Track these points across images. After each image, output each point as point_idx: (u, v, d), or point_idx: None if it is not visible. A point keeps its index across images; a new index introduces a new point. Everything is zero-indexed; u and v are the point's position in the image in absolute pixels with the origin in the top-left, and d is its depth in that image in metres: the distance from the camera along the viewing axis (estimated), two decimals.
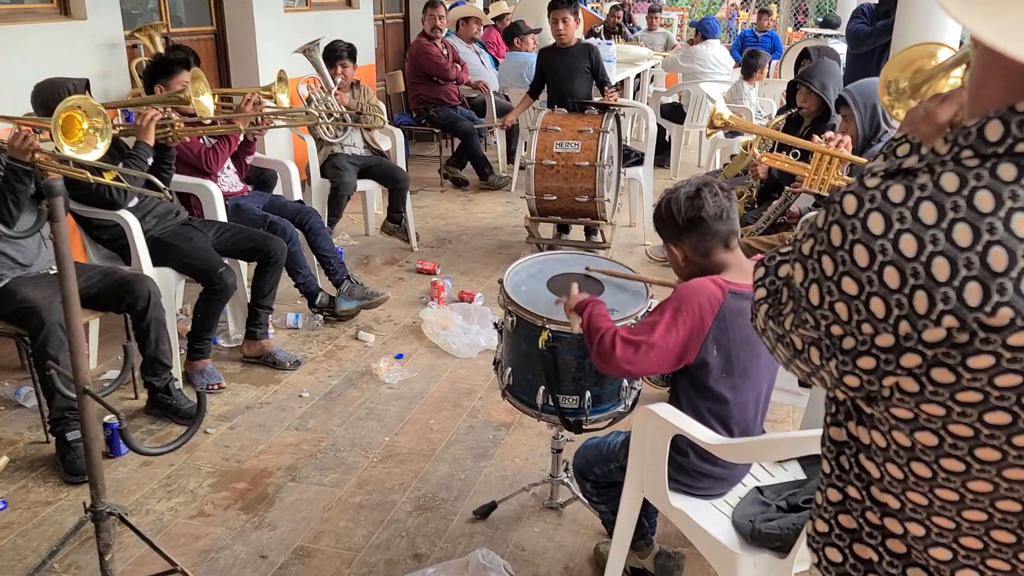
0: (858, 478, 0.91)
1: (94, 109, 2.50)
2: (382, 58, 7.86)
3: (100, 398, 1.92)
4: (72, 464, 2.70)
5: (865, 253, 0.76)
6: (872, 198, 0.77)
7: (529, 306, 2.22)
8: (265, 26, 5.64)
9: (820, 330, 0.82)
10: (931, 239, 0.72)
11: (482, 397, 3.34)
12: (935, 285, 0.72)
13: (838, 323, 0.80)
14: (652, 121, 5.39)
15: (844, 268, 0.77)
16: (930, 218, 0.73)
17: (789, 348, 0.90)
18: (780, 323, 0.91)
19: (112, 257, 3.33)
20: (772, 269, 1.00)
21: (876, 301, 0.75)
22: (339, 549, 2.43)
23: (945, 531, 0.83)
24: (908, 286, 0.73)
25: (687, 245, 1.90)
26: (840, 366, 0.81)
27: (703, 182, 1.89)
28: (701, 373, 1.87)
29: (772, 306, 0.95)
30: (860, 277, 0.76)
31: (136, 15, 5.12)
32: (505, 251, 5.08)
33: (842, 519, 0.94)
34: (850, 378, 0.81)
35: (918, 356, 0.74)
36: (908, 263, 0.73)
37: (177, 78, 3.42)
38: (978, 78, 0.80)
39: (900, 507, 0.86)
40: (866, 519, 0.91)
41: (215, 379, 3.33)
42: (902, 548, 0.89)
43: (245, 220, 3.68)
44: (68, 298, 1.89)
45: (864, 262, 0.76)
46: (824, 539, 0.97)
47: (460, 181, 6.63)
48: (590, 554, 2.42)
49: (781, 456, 2.05)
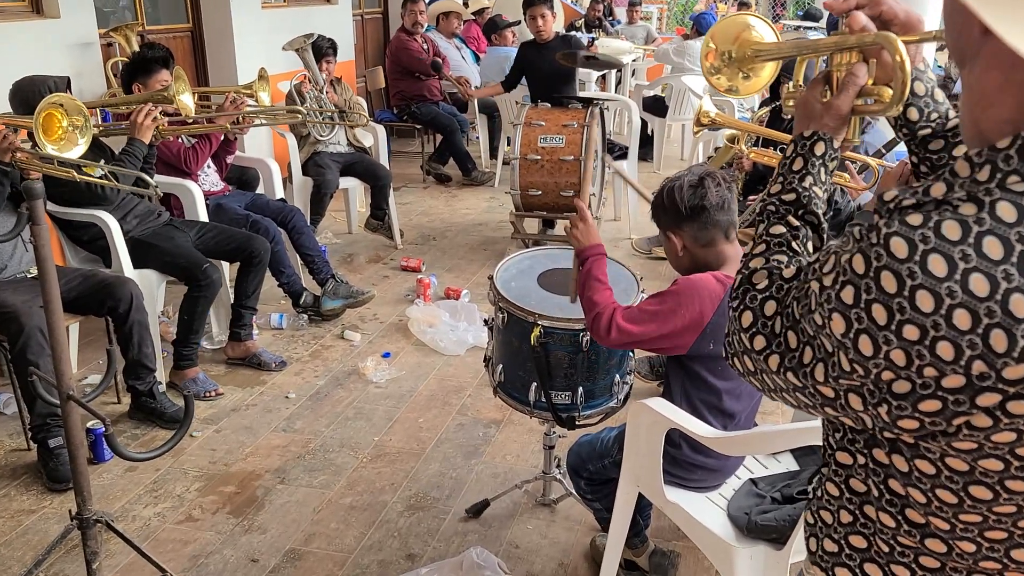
0: (890, 504, 0.88)
1: (75, 107, 2.46)
2: (361, 54, 7.80)
3: (85, 404, 1.88)
4: (55, 471, 2.65)
5: (930, 298, 0.72)
6: (925, 238, 0.73)
7: (520, 302, 2.21)
8: (242, 23, 5.56)
9: (868, 377, 0.78)
10: (1003, 275, 0.70)
11: (471, 394, 3.32)
12: (1015, 322, 0.69)
13: (891, 369, 0.76)
14: (635, 115, 5.38)
15: (904, 316, 0.73)
16: (997, 254, 0.70)
17: (814, 397, 0.86)
18: (807, 374, 0.85)
19: (92, 259, 3.27)
20: (759, 311, 0.93)
21: (944, 345, 0.72)
22: (331, 551, 2.40)
23: (997, 544, 0.83)
24: (982, 326, 0.70)
25: (687, 234, 1.88)
26: (895, 411, 0.78)
27: (706, 171, 1.88)
28: (697, 366, 1.86)
29: (783, 356, 0.87)
30: (924, 323, 0.73)
31: (109, 13, 5.03)
32: (490, 247, 5.05)
33: (852, 540, 0.93)
34: (907, 422, 0.78)
35: (997, 394, 0.72)
36: (981, 303, 0.70)
37: (156, 77, 3.37)
38: (984, 98, 0.78)
39: (951, 528, 0.84)
40: (898, 541, 0.90)
41: (209, 387, 3.27)
42: (936, 564, 0.88)
43: (227, 220, 3.63)
44: (50, 303, 1.85)
45: (929, 308, 0.72)
46: (834, 559, 0.96)
47: (443, 177, 6.59)
48: (584, 550, 2.41)
49: (775, 448, 2.05)
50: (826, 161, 1.04)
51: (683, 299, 1.81)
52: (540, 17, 4.93)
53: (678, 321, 1.80)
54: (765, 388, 0.93)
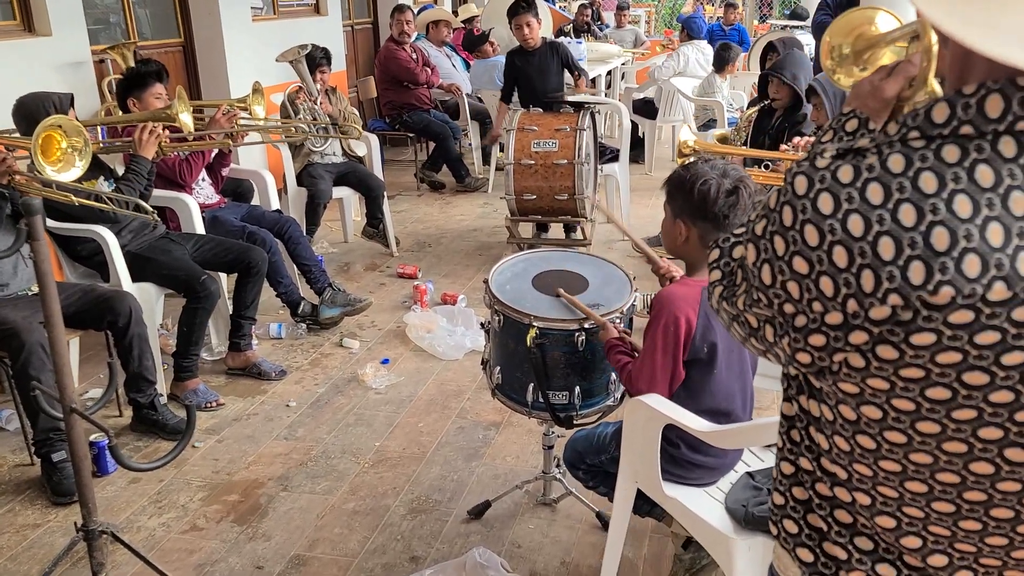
0: (808, 450, 0.93)
1: (74, 129, 2.48)
2: (352, 64, 7.84)
3: (88, 416, 1.90)
4: (59, 485, 2.67)
5: (815, 233, 0.77)
6: (822, 178, 0.78)
7: (515, 304, 2.23)
8: (233, 36, 5.60)
9: (773, 308, 0.84)
10: (877, 219, 0.74)
11: (470, 398, 3.34)
12: (881, 264, 0.73)
13: (790, 302, 0.81)
14: (625, 118, 5.42)
15: (795, 248, 0.79)
16: (877, 198, 0.74)
17: (744, 327, 0.92)
18: (733, 303, 0.93)
19: (90, 274, 3.30)
20: (726, 251, 1.01)
21: (825, 280, 0.77)
22: (335, 556, 2.42)
23: (889, 500, 0.85)
24: (856, 265, 0.74)
25: (698, 231, 1.86)
26: (792, 343, 0.83)
27: (739, 176, 1.82)
28: (691, 368, 1.89)
29: (727, 287, 0.96)
30: (810, 256, 0.77)
31: (100, 30, 5.06)
32: (485, 252, 5.09)
33: (795, 491, 0.97)
34: (802, 355, 0.83)
35: (865, 333, 0.76)
36: (856, 242, 0.74)
37: (151, 90, 3.40)
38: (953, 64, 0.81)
39: (847, 478, 0.88)
40: (816, 490, 0.94)
41: (211, 397, 3.29)
42: (848, 518, 0.92)
43: (223, 232, 3.65)
44: (51, 317, 1.87)
45: (814, 242, 0.77)
46: (781, 511, 0.99)
47: (437, 184, 6.63)
48: (585, 547, 2.44)
49: (771, 440, 2.07)
50: (856, 139, 1.06)
51: (662, 318, 1.84)
52: (526, 26, 4.99)
53: (671, 341, 1.84)
54: (724, 323, 0.99)
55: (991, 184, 0.72)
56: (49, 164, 2.45)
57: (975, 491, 0.80)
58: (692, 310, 1.83)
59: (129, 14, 5.12)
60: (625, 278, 2.39)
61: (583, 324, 2.17)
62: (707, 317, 1.84)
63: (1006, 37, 0.66)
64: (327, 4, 6.96)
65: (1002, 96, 0.72)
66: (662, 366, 1.87)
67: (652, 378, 1.88)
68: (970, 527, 0.83)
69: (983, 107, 0.73)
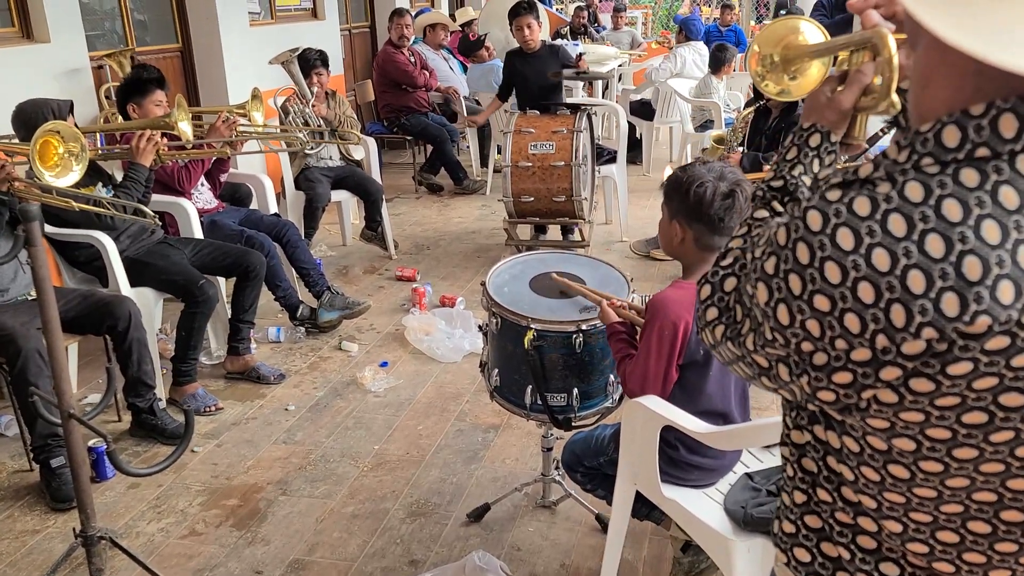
0: (827, 480, 0.91)
1: (72, 134, 2.48)
2: (350, 68, 7.85)
3: (86, 422, 1.90)
4: (58, 491, 2.67)
5: (837, 270, 0.75)
6: (838, 212, 0.76)
7: (513, 307, 2.24)
8: (231, 41, 5.61)
9: (790, 347, 0.81)
10: (904, 252, 0.72)
11: (469, 400, 3.34)
12: (912, 298, 0.71)
13: (809, 340, 0.78)
14: (623, 119, 5.43)
15: (815, 286, 0.76)
16: (900, 230, 0.72)
17: (752, 367, 0.89)
18: (740, 343, 0.89)
19: (89, 280, 3.30)
20: (718, 285, 0.97)
21: (851, 317, 0.74)
22: (334, 560, 2.42)
23: (923, 526, 0.84)
24: (884, 300, 0.73)
25: (692, 233, 1.87)
26: (813, 382, 0.81)
27: (736, 180, 1.82)
28: (686, 370, 1.89)
29: (728, 326, 0.93)
30: (832, 294, 0.75)
31: (98, 36, 5.07)
32: (484, 254, 5.09)
33: (808, 520, 0.95)
34: (825, 393, 0.81)
35: (897, 369, 0.74)
36: (883, 277, 0.72)
37: (151, 97, 3.41)
38: (922, 77, 0.80)
39: (876, 507, 0.86)
40: (836, 519, 0.92)
41: (209, 402, 3.29)
42: (873, 544, 0.90)
43: (222, 236, 3.66)
44: (49, 323, 1.88)
45: (836, 279, 0.75)
46: (792, 540, 0.98)
47: (435, 187, 6.63)
48: (585, 550, 2.44)
49: (769, 441, 2.06)
50: (820, 153, 1.06)
51: (658, 316, 1.84)
52: (527, 28, 4.98)
53: (665, 345, 1.84)
54: (723, 360, 0.97)
55: (1016, 206, 0.71)
56: (47, 169, 2.45)
57: (1012, 510, 0.79)
58: (688, 313, 1.83)
59: (127, 20, 5.12)
60: (622, 279, 2.39)
61: (581, 326, 2.17)
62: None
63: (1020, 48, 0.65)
64: (325, 8, 6.97)
65: (1015, 115, 0.72)
66: (655, 371, 1.87)
67: (644, 380, 1.88)
68: (1006, 549, 0.82)
69: (997, 127, 0.72)
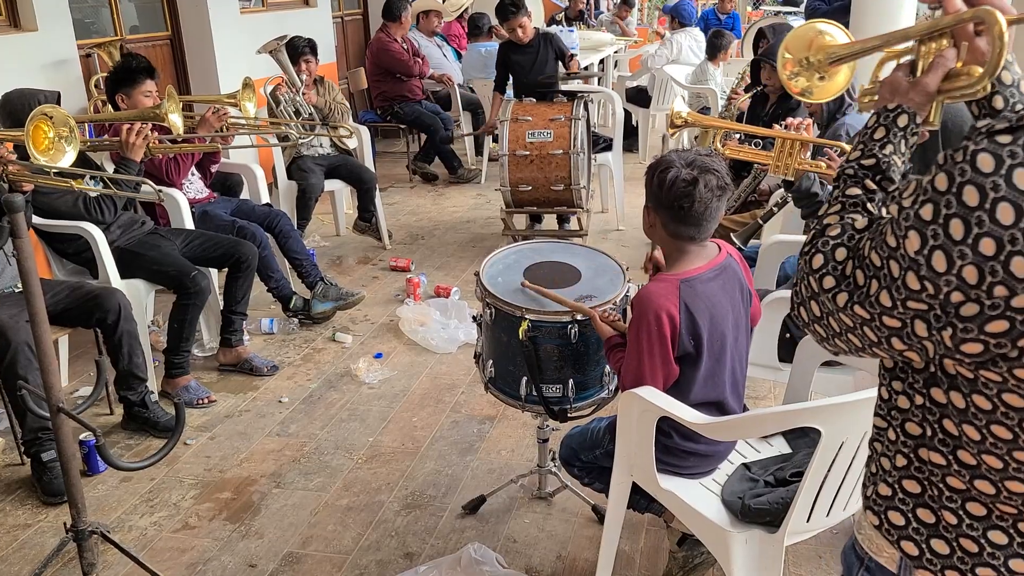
0: (942, 443, 0.92)
1: (61, 118, 2.45)
2: (343, 56, 7.78)
3: (75, 415, 1.87)
4: (49, 484, 2.64)
5: (1011, 210, 0.74)
6: (1013, 154, 0.75)
7: (507, 297, 2.21)
8: (222, 29, 5.54)
9: (938, 298, 0.80)
10: None
11: (464, 392, 3.32)
12: None
13: (961, 289, 0.78)
14: (619, 106, 5.39)
15: (982, 229, 0.76)
16: None
17: (880, 330, 0.88)
18: (873, 303, 0.88)
19: (79, 271, 3.26)
20: (829, 255, 0.95)
21: (1018, 260, 0.74)
22: (329, 553, 2.40)
23: None
24: None
25: (660, 219, 1.87)
26: (960, 333, 0.80)
27: (705, 168, 1.80)
28: (678, 363, 1.87)
29: (851, 292, 0.90)
30: (1002, 236, 0.75)
31: (89, 24, 5.01)
32: (479, 244, 5.05)
33: (906, 484, 0.97)
34: (971, 345, 0.81)
35: None
36: None
37: (140, 88, 3.36)
38: None
39: (1003, 467, 0.87)
40: (946, 484, 0.93)
41: (202, 394, 3.26)
42: (982, 511, 0.91)
43: (213, 227, 3.62)
44: (36, 315, 1.84)
45: (1008, 220, 0.74)
46: (887, 502, 1.00)
47: (429, 176, 6.59)
48: (582, 541, 2.42)
49: (766, 431, 2.06)
50: (907, 134, 1.07)
51: (646, 312, 1.81)
52: (519, 28, 5.00)
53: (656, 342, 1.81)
54: (830, 334, 0.96)
55: None
56: (40, 153, 2.42)
57: None
58: (673, 305, 1.80)
59: (115, 7, 5.06)
60: (618, 268, 2.37)
61: (576, 316, 2.14)
62: (688, 309, 1.81)
63: None
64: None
65: None
66: (649, 367, 1.84)
67: (639, 378, 1.86)
68: None
69: None
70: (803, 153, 2.88)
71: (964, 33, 1.06)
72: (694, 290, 1.82)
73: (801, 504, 1.71)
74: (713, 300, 1.85)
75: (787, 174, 2.77)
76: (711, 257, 1.90)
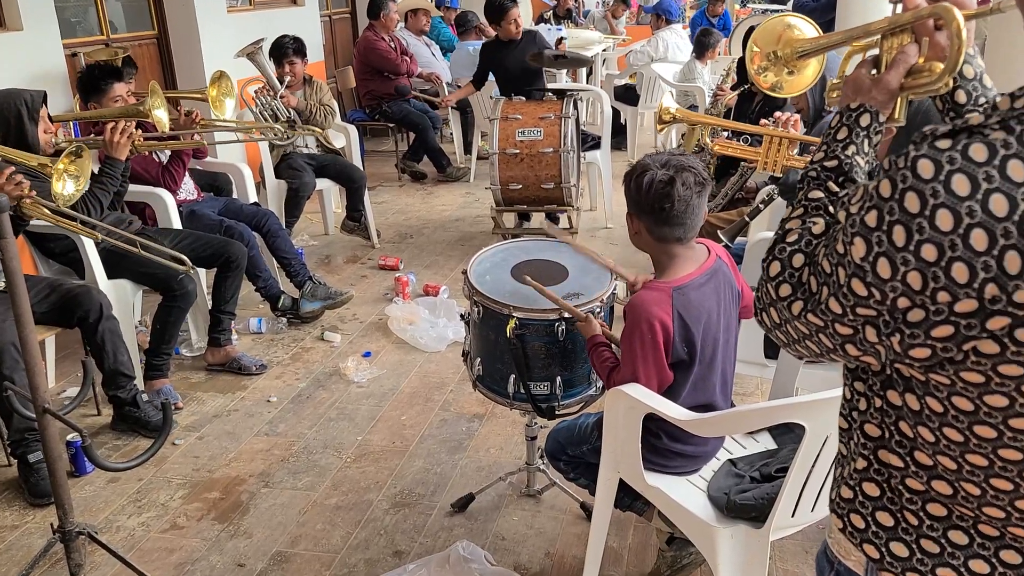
0: (899, 445, 0.91)
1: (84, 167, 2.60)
2: (331, 54, 7.76)
3: (61, 416, 1.87)
4: (36, 486, 2.63)
5: (949, 217, 0.74)
6: (951, 159, 0.74)
7: (494, 295, 2.21)
8: (208, 28, 5.52)
9: (884, 304, 0.80)
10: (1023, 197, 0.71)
11: (453, 390, 3.33)
12: None
13: (906, 295, 0.78)
14: (607, 104, 5.40)
15: (923, 236, 0.75)
16: (1020, 176, 0.71)
17: (833, 338, 0.88)
18: (824, 311, 0.88)
19: (65, 272, 3.24)
20: (786, 262, 0.95)
21: (959, 266, 0.74)
22: (318, 552, 2.40)
23: (1002, 493, 0.85)
24: (998, 247, 0.72)
25: (644, 224, 1.88)
26: (907, 339, 0.80)
27: (681, 167, 1.80)
28: (672, 370, 1.88)
29: (806, 300, 0.91)
30: (942, 242, 0.74)
31: (75, 23, 4.98)
32: (468, 242, 5.06)
33: (866, 487, 0.97)
34: (919, 350, 0.80)
35: (1006, 318, 0.73)
36: (999, 223, 0.71)
37: (109, 95, 3.34)
38: None
39: (956, 468, 0.86)
40: (905, 485, 0.92)
41: (173, 399, 3.22)
42: (943, 511, 0.91)
43: (201, 226, 3.61)
44: (21, 316, 1.84)
45: (947, 226, 0.74)
46: (849, 505, 1.00)
47: (418, 175, 6.58)
48: (570, 538, 2.43)
49: (752, 427, 2.07)
50: (870, 133, 1.07)
51: (640, 320, 1.81)
52: (517, 19, 5.01)
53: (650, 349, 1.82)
54: (790, 340, 0.96)
55: None
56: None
57: None
58: (666, 313, 1.80)
59: (101, 7, 5.03)
60: (605, 267, 2.37)
61: (563, 314, 2.15)
62: (681, 317, 1.82)
63: None
64: None
65: None
66: (644, 373, 1.84)
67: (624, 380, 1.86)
68: None
69: None
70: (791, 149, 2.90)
71: (925, 29, 1.07)
72: (687, 298, 1.83)
73: (786, 499, 1.72)
74: (706, 306, 1.85)
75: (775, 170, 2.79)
76: (701, 261, 1.90)
